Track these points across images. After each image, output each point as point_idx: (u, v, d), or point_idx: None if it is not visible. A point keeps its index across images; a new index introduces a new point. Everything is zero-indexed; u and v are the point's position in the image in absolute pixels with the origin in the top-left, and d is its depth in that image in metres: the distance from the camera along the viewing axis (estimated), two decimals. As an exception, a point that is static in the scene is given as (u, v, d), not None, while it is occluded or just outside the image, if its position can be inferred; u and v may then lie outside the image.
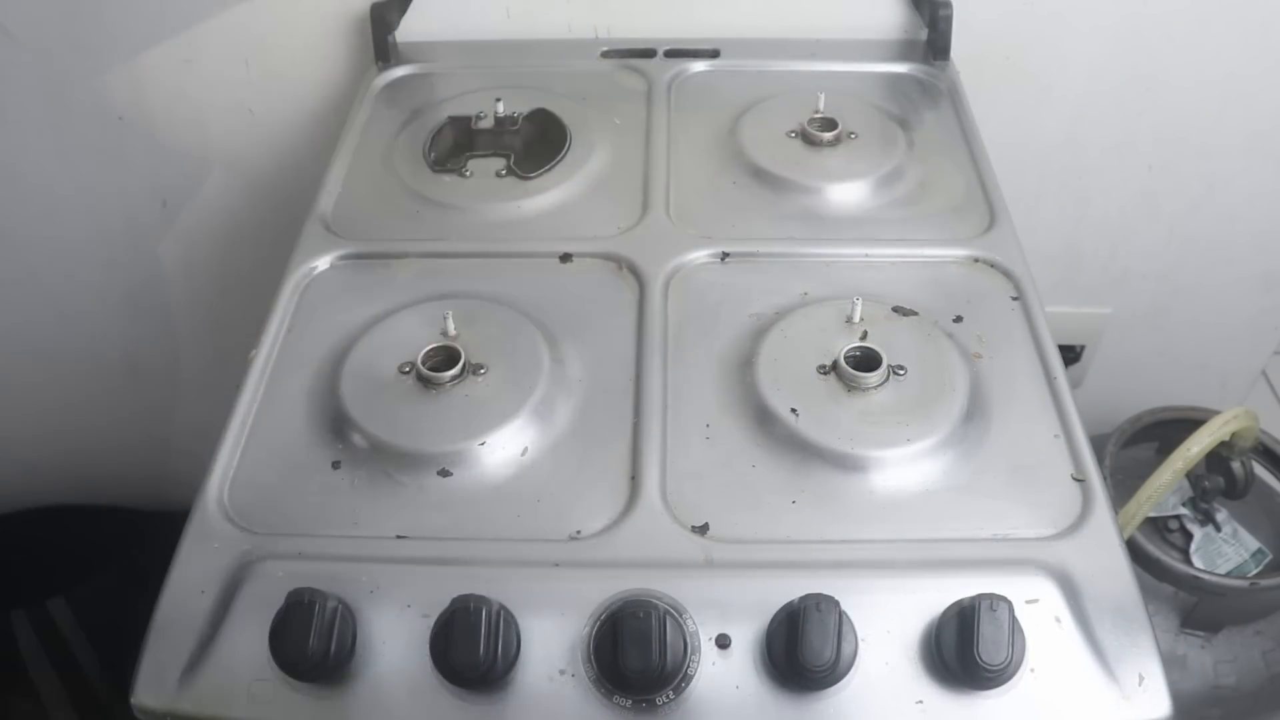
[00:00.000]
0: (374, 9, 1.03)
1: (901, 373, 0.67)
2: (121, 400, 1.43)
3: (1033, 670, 0.53)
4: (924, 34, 1.04)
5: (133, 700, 0.55)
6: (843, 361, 0.66)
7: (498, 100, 0.90)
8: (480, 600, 0.52)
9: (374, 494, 0.62)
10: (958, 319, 0.72)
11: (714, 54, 1.02)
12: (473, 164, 0.87)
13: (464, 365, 0.67)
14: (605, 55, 1.03)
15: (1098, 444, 1.04)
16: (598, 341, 0.71)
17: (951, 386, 0.66)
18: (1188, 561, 1.08)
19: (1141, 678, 0.54)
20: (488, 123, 0.89)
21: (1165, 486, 1.04)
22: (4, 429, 1.47)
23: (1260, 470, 1.14)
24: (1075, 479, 0.62)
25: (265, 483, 0.63)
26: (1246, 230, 1.22)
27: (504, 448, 0.64)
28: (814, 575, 0.56)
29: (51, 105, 1.16)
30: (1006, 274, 0.77)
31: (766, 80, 0.99)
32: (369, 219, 0.84)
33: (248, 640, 0.55)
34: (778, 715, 0.53)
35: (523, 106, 0.91)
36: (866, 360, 0.67)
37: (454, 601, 0.53)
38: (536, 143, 0.90)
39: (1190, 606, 1.07)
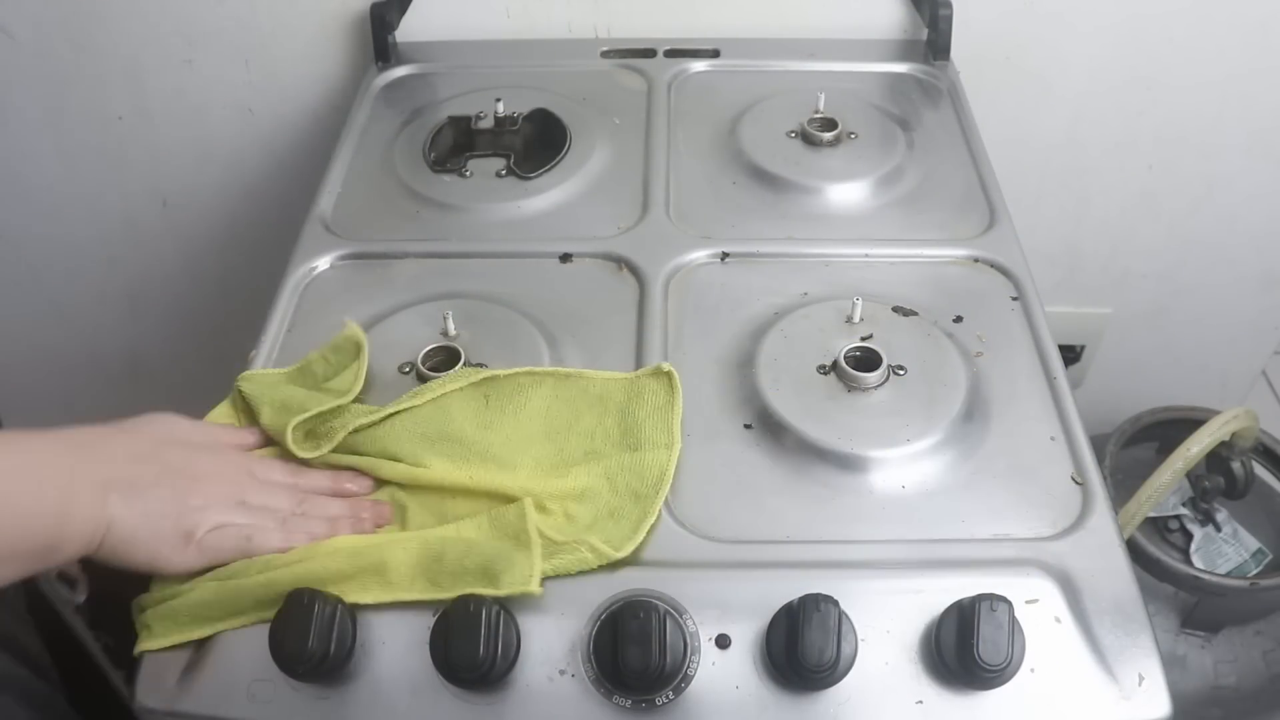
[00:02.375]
0: (374, 9, 1.03)
1: (901, 373, 0.67)
2: (121, 400, 1.43)
3: (1033, 670, 0.53)
4: (924, 34, 1.04)
5: (133, 700, 0.55)
6: (843, 361, 0.66)
7: (498, 100, 0.90)
8: (480, 600, 0.52)
9: (374, 494, 0.62)
10: (958, 319, 0.72)
11: (714, 54, 1.02)
12: (473, 164, 0.87)
13: (464, 365, 0.67)
14: (605, 55, 1.03)
15: (1098, 444, 1.04)
16: (598, 341, 0.71)
17: (951, 386, 0.66)
18: (1188, 561, 1.08)
19: (1141, 677, 0.54)
20: (488, 123, 0.89)
21: (1165, 486, 1.04)
22: (3, 428, 1.47)
23: (1260, 470, 1.14)
24: (1075, 481, 0.62)
25: (265, 483, 0.63)
26: (1246, 230, 1.22)
27: (504, 448, 0.64)
28: (814, 575, 0.56)
29: (51, 105, 1.16)
30: (1006, 274, 0.77)
31: (766, 80, 0.99)
32: (369, 219, 0.84)
33: (248, 640, 0.55)
34: (777, 715, 0.53)
35: (523, 106, 0.91)
36: (866, 360, 0.67)
37: (454, 601, 0.53)
38: (536, 143, 0.90)
39: (1190, 606, 1.07)
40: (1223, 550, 1.10)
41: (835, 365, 0.67)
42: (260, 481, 0.60)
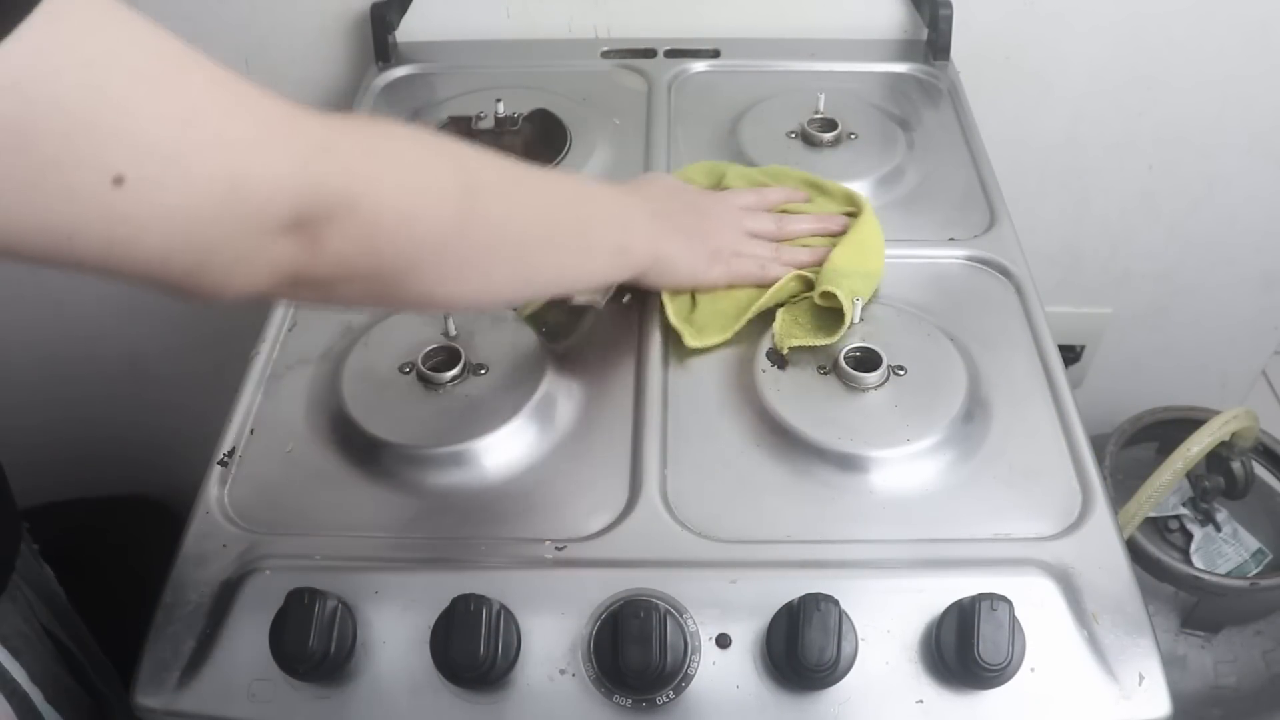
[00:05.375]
0: (374, 9, 1.03)
1: (901, 373, 0.67)
2: (122, 400, 1.43)
3: (1033, 669, 0.53)
4: (924, 34, 1.04)
5: (133, 700, 0.55)
6: (843, 361, 0.66)
7: (498, 100, 0.90)
8: (480, 599, 0.52)
9: (374, 494, 0.62)
10: (957, 318, 0.72)
11: (714, 54, 1.02)
12: (473, 164, 0.87)
13: (464, 365, 0.67)
14: (605, 55, 1.03)
15: (1098, 444, 1.04)
16: (598, 342, 0.71)
17: (951, 386, 0.66)
18: (1188, 561, 1.08)
19: (1141, 677, 0.54)
20: (488, 123, 0.89)
21: (1165, 486, 1.04)
22: (4, 429, 1.47)
23: (1260, 470, 1.14)
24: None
25: (265, 483, 0.63)
26: (1246, 230, 1.22)
27: (504, 448, 0.64)
28: (814, 575, 0.56)
29: (52, 105, 1.16)
30: (1006, 274, 0.77)
31: (766, 80, 0.99)
32: (369, 219, 0.83)
33: (248, 640, 0.55)
34: (778, 714, 0.53)
35: (523, 106, 0.91)
36: (866, 360, 0.67)
37: (454, 601, 0.53)
38: (536, 143, 0.90)
39: (1190, 606, 1.07)
40: (1223, 550, 1.10)
41: (835, 365, 0.67)
42: (752, 226, 0.74)
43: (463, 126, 0.90)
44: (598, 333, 0.72)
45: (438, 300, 0.55)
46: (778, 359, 0.68)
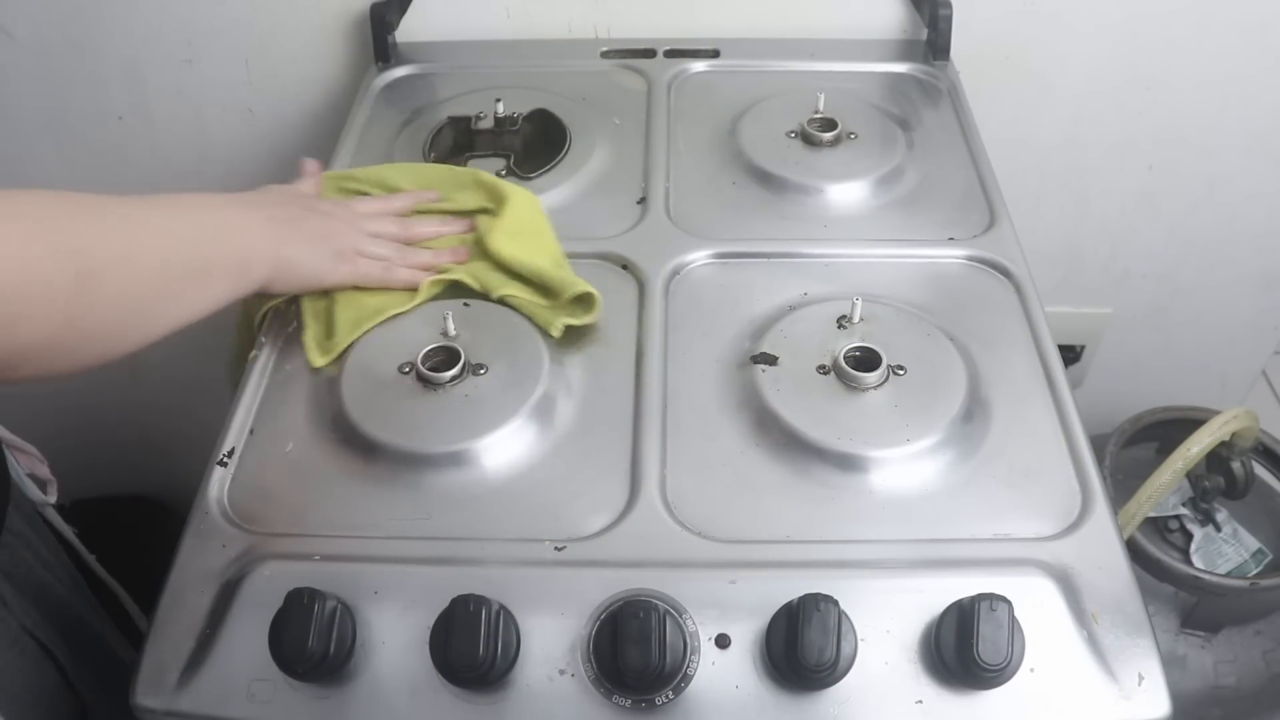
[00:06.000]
0: (374, 9, 1.03)
1: (901, 373, 0.67)
2: (122, 400, 1.43)
3: (1032, 670, 0.53)
4: (924, 34, 1.04)
5: (133, 700, 0.55)
6: (843, 361, 0.66)
7: (498, 100, 0.90)
8: (480, 600, 0.52)
9: (374, 494, 0.62)
10: (957, 318, 0.72)
11: (714, 54, 1.02)
12: (473, 164, 0.87)
13: (464, 365, 0.67)
14: (605, 55, 1.03)
15: (1098, 444, 1.04)
16: (598, 341, 0.71)
17: (951, 386, 0.66)
18: (1188, 561, 1.08)
19: (1141, 677, 0.54)
20: (488, 123, 0.89)
21: (1165, 486, 1.04)
22: (3, 429, 1.47)
23: (1260, 470, 1.14)
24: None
25: (265, 483, 0.63)
26: (1246, 230, 1.22)
27: (504, 448, 0.64)
28: (814, 575, 0.56)
29: (51, 105, 1.16)
30: (1006, 274, 0.77)
31: (766, 80, 0.99)
32: (369, 219, 0.84)
33: (248, 640, 0.55)
34: (777, 715, 0.53)
35: (523, 106, 0.91)
36: (866, 360, 0.67)
37: (453, 601, 0.53)
38: (536, 143, 0.90)
39: (1190, 606, 1.07)
40: (1223, 550, 1.11)
41: (835, 365, 0.67)
42: (375, 228, 0.74)
43: (462, 126, 0.90)
44: (597, 332, 0.72)
45: (58, 376, 0.55)
46: (768, 358, 0.68)
